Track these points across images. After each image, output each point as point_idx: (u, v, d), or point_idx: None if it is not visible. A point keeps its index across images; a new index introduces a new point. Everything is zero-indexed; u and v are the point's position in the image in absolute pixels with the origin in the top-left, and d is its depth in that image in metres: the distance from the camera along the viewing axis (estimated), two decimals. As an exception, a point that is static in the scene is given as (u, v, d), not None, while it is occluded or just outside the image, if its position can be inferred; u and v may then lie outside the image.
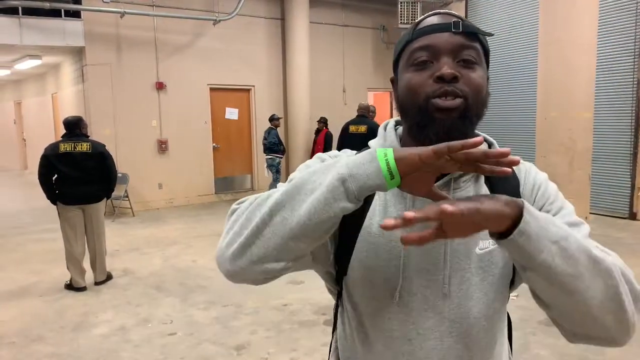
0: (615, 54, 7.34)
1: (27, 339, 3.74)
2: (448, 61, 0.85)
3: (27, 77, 13.48)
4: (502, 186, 0.94)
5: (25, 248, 6.39)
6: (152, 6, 8.51)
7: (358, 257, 0.92)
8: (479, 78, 0.87)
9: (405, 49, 0.90)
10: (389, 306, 0.90)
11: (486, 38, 0.92)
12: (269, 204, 0.78)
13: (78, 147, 4.64)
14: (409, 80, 0.88)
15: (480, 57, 0.89)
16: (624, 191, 7.37)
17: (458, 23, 0.86)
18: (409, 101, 0.88)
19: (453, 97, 0.84)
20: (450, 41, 0.86)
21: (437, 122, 0.84)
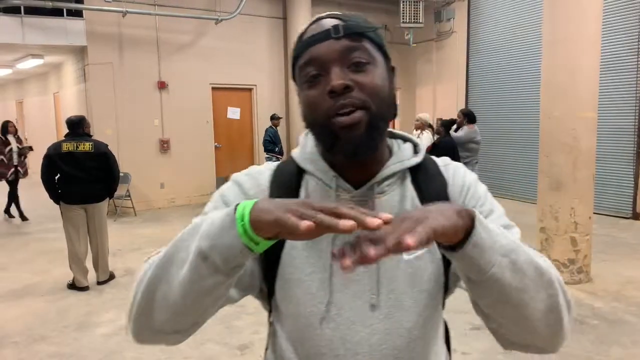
0: (619, 53, 7.33)
1: (30, 339, 3.74)
2: (337, 71, 0.79)
3: (29, 77, 13.48)
4: (430, 187, 0.90)
5: (28, 248, 6.39)
6: (154, 5, 8.51)
7: (283, 273, 0.87)
8: (375, 79, 0.81)
9: (295, 64, 0.86)
10: (316, 322, 0.86)
11: (376, 31, 0.85)
12: (146, 282, 0.75)
13: (80, 146, 4.64)
14: (306, 98, 0.83)
15: (372, 55, 0.82)
16: (627, 191, 7.36)
17: (338, 27, 0.80)
18: (311, 119, 0.83)
19: (352, 110, 0.78)
20: (333, 49, 0.80)
21: (343, 141, 0.79)
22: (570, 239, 4.61)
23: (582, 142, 4.53)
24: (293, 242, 0.87)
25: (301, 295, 0.86)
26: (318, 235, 0.62)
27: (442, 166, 0.95)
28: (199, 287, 0.70)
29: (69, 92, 10.26)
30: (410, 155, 0.92)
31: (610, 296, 4.34)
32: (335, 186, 0.87)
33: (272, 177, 0.93)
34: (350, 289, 0.85)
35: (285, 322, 0.91)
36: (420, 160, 0.92)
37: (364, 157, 0.83)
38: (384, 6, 10.69)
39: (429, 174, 0.92)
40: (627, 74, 7.29)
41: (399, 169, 0.89)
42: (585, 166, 4.58)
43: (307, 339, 0.87)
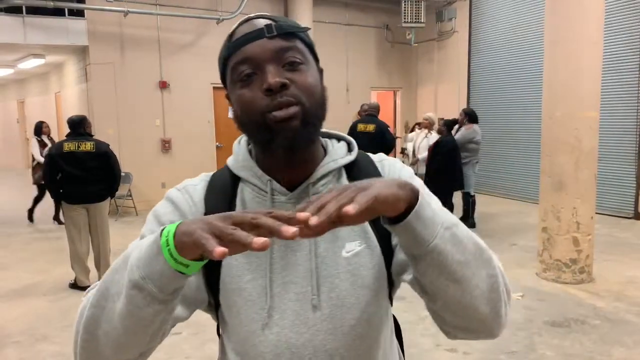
0: (621, 53, 7.32)
1: (32, 338, 3.75)
2: (272, 69, 0.80)
3: (31, 76, 13.50)
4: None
5: (30, 247, 6.40)
6: (155, 5, 8.51)
7: (224, 282, 0.86)
8: (309, 78, 0.83)
9: (226, 64, 0.85)
10: (258, 329, 0.85)
11: (306, 32, 0.87)
12: (84, 321, 0.73)
13: (82, 146, 4.64)
14: (240, 97, 0.82)
15: (305, 56, 0.84)
16: (629, 191, 7.35)
17: (271, 26, 0.81)
18: (247, 119, 0.83)
19: (287, 105, 0.79)
20: (268, 47, 0.80)
21: (279, 135, 0.79)
22: (572, 239, 4.61)
23: (584, 142, 4.53)
24: None
25: (242, 303, 0.85)
26: (237, 252, 0.60)
27: (377, 162, 0.95)
28: (139, 319, 0.69)
29: (70, 92, 10.27)
30: (344, 154, 0.93)
31: (612, 296, 4.33)
32: (270, 190, 0.87)
33: (207, 189, 0.92)
34: (290, 292, 0.85)
35: (230, 332, 0.90)
36: (353, 158, 0.92)
37: (300, 150, 0.83)
38: (385, 6, 10.68)
39: (364, 171, 0.92)
40: (628, 74, 7.28)
41: (333, 168, 0.89)
42: (587, 166, 4.58)
43: (251, 346, 0.86)
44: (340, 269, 0.85)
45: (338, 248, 0.86)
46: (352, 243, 0.86)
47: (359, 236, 0.87)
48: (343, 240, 0.86)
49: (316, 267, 0.85)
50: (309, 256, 0.85)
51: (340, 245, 0.86)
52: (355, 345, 0.86)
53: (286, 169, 0.87)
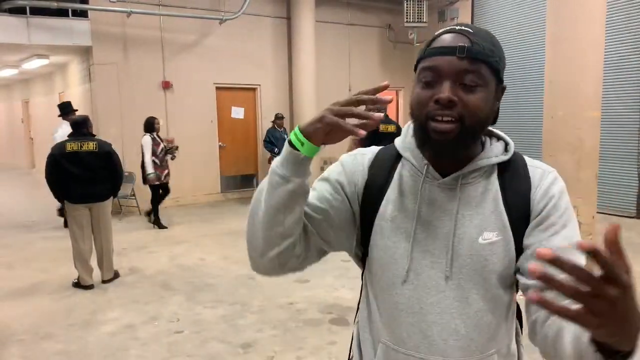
0: (623, 52, 7.30)
1: (37, 337, 3.78)
2: (448, 85, 0.91)
3: (35, 77, 13.55)
4: (514, 185, 1.00)
5: (34, 246, 6.44)
6: (158, 5, 8.54)
7: (375, 239, 1.03)
8: (477, 100, 0.92)
9: (419, 62, 0.98)
10: (397, 282, 1.00)
11: (496, 59, 0.95)
12: (249, 211, 1.00)
13: (84, 146, 4.68)
14: (417, 95, 0.96)
15: (484, 79, 0.93)
16: (631, 190, 7.34)
17: (463, 48, 0.91)
18: (415, 113, 0.96)
19: (448, 120, 0.91)
20: (454, 65, 0.91)
21: (432, 143, 0.93)
22: (574, 239, 4.60)
23: (585, 141, 4.53)
24: (384, 215, 1.03)
25: (387, 259, 1.02)
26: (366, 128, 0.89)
27: (530, 166, 1.03)
28: (277, 197, 0.93)
29: (74, 92, 10.30)
30: (500, 153, 1.03)
31: (614, 295, 4.33)
32: (425, 173, 1.01)
33: (373, 159, 1.10)
34: (427, 259, 0.99)
35: (373, 281, 1.06)
36: (507, 159, 1.02)
37: (447, 158, 0.98)
38: (388, 6, 10.68)
39: (516, 173, 1.02)
40: (631, 73, 7.27)
41: (485, 164, 1.00)
42: (588, 165, 4.58)
43: (389, 295, 1.02)
44: (473, 252, 0.97)
45: (476, 234, 0.97)
46: (490, 233, 0.97)
47: (497, 228, 0.97)
48: (482, 229, 0.97)
49: (452, 245, 0.97)
50: (448, 235, 0.98)
51: (479, 232, 0.97)
52: (476, 316, 0.98)
53: (439, 160, 1.01)
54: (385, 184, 1.05)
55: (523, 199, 0.98)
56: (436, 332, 0.98)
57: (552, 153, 4.68)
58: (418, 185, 1.01)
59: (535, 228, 0.97)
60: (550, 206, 0.97)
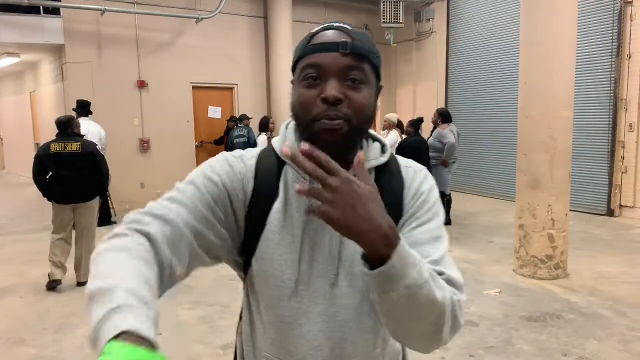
0: (594, 53, 7.49)
1: (9, 341, 3.68)
2: (334, 83, 0.88)
3: (4, 75, 13.22)
4: (390, 186, 0.99)
5: (5, 249, 6.27)
6: (133, 3, 8.41)
7: (261, 252, 0.98)
8: (363, 99, 0.91)
9: (299, 60, 0.94)
10: (284, 296, 0.97)
11: (377, 56, 0.94)
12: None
13: (68, 146, 4.67)
14: (300, 95, 0.92)
15: (367, 76, 0.92)
16: (602, 189, 7.54)
17: (346, 44, 0.89)
18: (300, 115, 0.93)
19: (336, 118, 0.88)
20: (337, 62, 0.89)
21: (322, 142, 0.88)
22: (548, 236, 4.71)
23: (558, 141, 4.64)
24: (271, 227, 0.97)
25: (273, 272, 0.97)
26: None
27: (403, 166, 1.04)
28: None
29: (46, 91, 10.09)
30: (378, 155, 1.02)
31: (586, 291, 4.45)
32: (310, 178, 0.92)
33: (257, 163, 1.02)
34: (314, 269, 0.97)
35: (257, 294, 1.02)
36: (386, 160, 1.02)
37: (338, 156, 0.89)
38: (364, 6, 10.74)
39: (391, 173, 1.01)
40: (602, 73, 7.46)
41: (367, 167, 0.96)
42: (561, 164, 4.68)
43: (276, 309, 0.99)
44: (357, 257, 0.92)
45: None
46: None
47: None
48: None
49: (338, 252, 0.97)
50: (333, 242, 0.97)
51: None
52: (362, 320, 0.99)
53: None
54: (273, 193, 0.99)
55: (397, 199, 0.98)
56: (323, 341, 0.97)
57: (527, 152, 4.78)
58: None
59: (403, 224, 0.98)
60: (419, 202, 0.98)
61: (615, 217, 7.38)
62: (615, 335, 3.58)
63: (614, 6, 7.26)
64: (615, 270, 5.00)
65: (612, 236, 6.38)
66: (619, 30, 7.22)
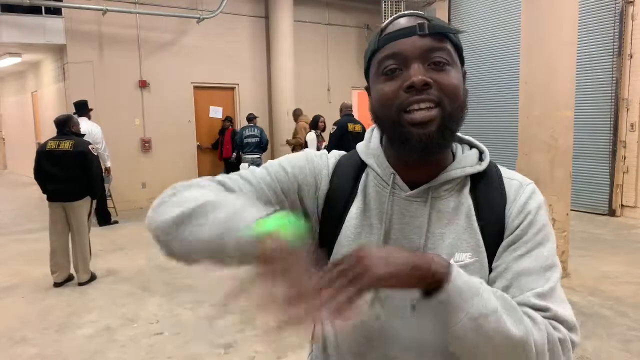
0: (595, 53, 7.48)
1: (11, 341, 3.69)
2: (418, 67, 0.79)
3: (6, 75, 13.25)
4: (488, 199, 0.88)
5: (6, 249, 6.29)
6: (134, 3, 8.43)
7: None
8: (453, 79, 0.82)
9: (373, 57, 0.86)
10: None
11: (457, 35, 0.86)
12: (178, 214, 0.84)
13: (61, 145, 4.73)
14: (380, 91, 0.83)
15: (452, 57, 0.83)
16: (603, 188, 7.53)
17: (423, 25, 0.81)
18: (383, 114, 0.84)
19: (427, 106, 0.79)
20: (417, 45, 0.80)
21: (414, 139, 0.80)
22: (549, 236, 4.70)
23: (559, 140, 4.63)
24: (347, 232, 0.90)
25: None
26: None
27: (505, 179, 0.91)
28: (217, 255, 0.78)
29: (47, 91, 10.11)
30: (474, 162, 0.91)
31: (587, 291, 4.44)
32: (392, 184, 0.88)
33: (336, 164, 0.96)
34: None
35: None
36: (483, 169, 0.90)
37: (434, 156, 0.85)
38: (365, 6, 10.74)
39: (490, 185, 0.89)
40: (603, 73, 7.45)
41: (459, 175, 0.88)
42: (562, 164, 4.68)
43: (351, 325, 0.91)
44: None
45: (448, 255, 0.84)
46: (463, 254, 0.84)
47: (471, 248, 0.85)
48: (454, 249, 0.85)
49: None
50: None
51: (451, 252, 0.84)
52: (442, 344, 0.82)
53: (412, 168, 0.88)
54: (349, 197, 0.91)
55: (497, 215, 0.86)
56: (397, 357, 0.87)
57: (527, 152, 4.77)
58: (383, 197, 0.88)
59: (507, 248, 0.84)
60: (526, 223, 0.85)
61: (617, 217, 7.37)
62: (616, 335, 3.58)
63: (615, 6, 7.25)
64: (617, 270, 4.99)
65: (614, 236, 6.37)
66: (620, 30, 7.20)
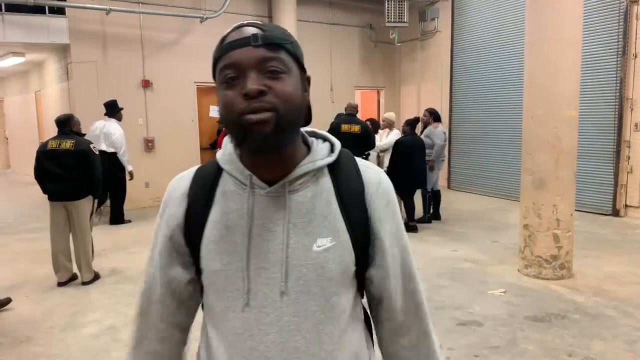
0: (599, 53, 7.46)
1: (16, 340, 3.70)
2: (253, 76, 0.86)
3: (10, 75, 13.28)
4: (347, 185, 0.98)
5: (10, 248, 6.30)
6: (138, 3, 8.44)
7: (205, 263, 0.97)
8: (287, 87, 0.88)
9: (216, 66, 0.92)
10: (235, 307, 0.95)
11: (292, 44, 0.92)
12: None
13: (62, 144, 4.72)
14: (223, 97, 0.89)
15: (287, 65, 0.90)
16: (607, 188, 7.51)
17: (257, 36, 0.87)
18: (226, 117, 0.90)
19: (263, 110, 0.85)
20: (252, 55, 0.87)
21: (251, 137, 0.87)
22: (553, 236, 4.70)
23: (564, 140, 4.62)
24: (211, 237, 0.96)
25: (220, 284, 0.96)
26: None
27: (361, 167, 1.02)
28: None
29: (51, 91, 10.13)
30: (325, 155, 0.99)
31: (592, 291, 4.43)
32: (250, 183, 0.95)
33: (192, 179, 1.03)
34: (262, 276, 0.94)
35: (209, 307, 1.01)
36: (333, 160, 0.99)
37: (269, 154, 0.91)
38: (369, 5, 10.73)
39: (347, 173, 0.99)
40: (607, 73, 7.43)
41: (311, 169, 0.96)
42: (567, 164, 4.67)
43: (226, 322, 0.96)
44: (308, 261, 0.93)
45: (309, 242, 0.93)
46: (324, 239, 0.94)
47: (331, 233, 0.94)
48: (315, 236, 0.94)
49: (286, 257, 0.93)
50: (280, 246, 0.93)
51: (312, 239, 0.93)
52: (316, 329, 0.94)
53: (263, 167, 0.95)
54: (207, 204, 0.98)
55: (358, 199, 0.97)
56: (276, 353, 0.93)
57: (531, 152, 4.76)
58: (243, 198, 0.95)
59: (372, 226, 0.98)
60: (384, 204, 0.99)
61: (621, 217, 7.34)
62: (621, 336, 3.57)
63: (619, 5, 7.22)
64: (621, 271, 4.98)
65: (618, 236, 6.35)
66: (624, 29, 7.18)
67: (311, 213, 0.94)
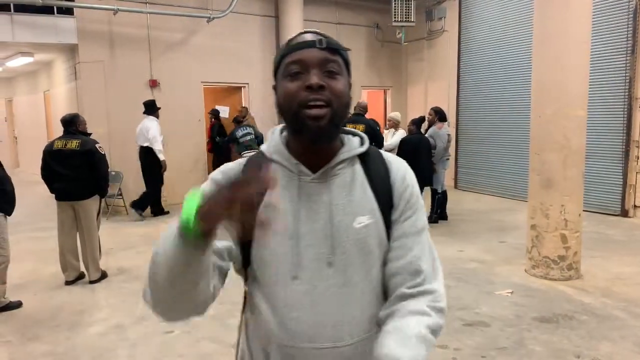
0: (608, 52, 7.40)
1: (24, 338, 3.73)
2: (316, 72, 1.02)
3: (19, 75, 13.37)
4: (376, 172, 1.14)
5: (19, 247, 6.32)
6: (145, 3, 8.47)
7: (258, 244, 1.08)
8: (341, 86, 1.05)
9: (281, 62, 1.07)
10: (286, 281, 1.07)
11: (346, 52, 1.10)
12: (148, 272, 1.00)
13: (69, 144, 4.75)
14: (285, 88, 1.04)
15: (341, 68, 1.07)
16: (616, 189, 7.45)
17: (322, 40, 1.05)
18: (286, 107, 1.04)
19: (320, 106, 1.01)
20: (316, 55, 1.03)
21: (309, 128, 1.02)
22: (561, 236, 4.67)
23: (572, 140, 4.58)
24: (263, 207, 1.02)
25: (272, 260, 1.08)
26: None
27: (385, 157, 1.19)
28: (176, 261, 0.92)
29: (59, 91, 10.19)
30: (358, 146, 1.16)
31: (600, 292, 4.40)
32: (298, 171, 1.10)
33: (243, 169, 1.15)
34: (309, 252, 1.07)
35: (261, 283, 1.11)
36: (364, 150, 1.15)
37: (322, 144, 1.07)
38: (376, 5, 10.70)
39: (375, 162, 1.16)
40: (616, 73, 7.37)
41: (348, 157, 1.12)
42: (575, 164, 4.63)
43: (277, 293, 1.08)
44: (351, 236, 1.07)
45: (350, 220, 1.07)
46: (363, 217, 1.08)
47: (368, 211, 1.09)
48: (355, 215, 1.08)
49: (331, 234, 1.07)
50: (326, 225, 1.07)
51: (352, 218, 1.08)
52: (362, 298, 1.09)
53: (310, 155, 1.09)
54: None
55: (385, 183, 1.13)
56: (327, 320, 1.06)
57: (539, 151, 4.73)
58: (292, 184, 1.09)
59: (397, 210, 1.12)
60: (408, 194, 1.13)
61: (629, 217, 7.28)
62: (630, 337, 3.54)
63: (629, 4, 7.16)
64: (630, 271, 4.94)
65: (626, 237, 6.30)
66: (634, 28, 7.12)
67: (350, 195, 1.09)
